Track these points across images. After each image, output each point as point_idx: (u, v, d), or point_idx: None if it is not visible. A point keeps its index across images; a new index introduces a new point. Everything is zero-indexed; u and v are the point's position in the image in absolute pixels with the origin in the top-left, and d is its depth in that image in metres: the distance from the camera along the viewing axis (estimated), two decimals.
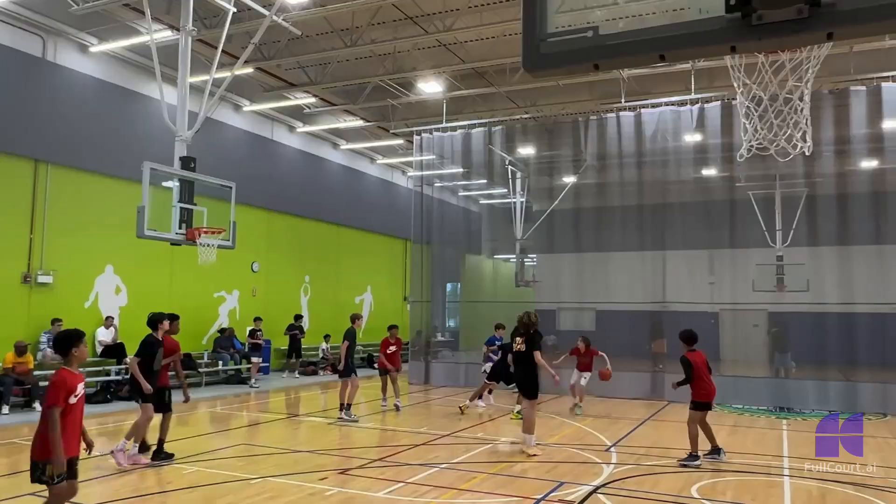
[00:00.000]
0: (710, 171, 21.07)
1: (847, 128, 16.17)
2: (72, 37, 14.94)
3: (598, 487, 7.66)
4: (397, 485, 7.68)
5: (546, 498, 7.19)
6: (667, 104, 16.79)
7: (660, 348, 18.19)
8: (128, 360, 9.38)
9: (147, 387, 8.67)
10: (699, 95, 16.20)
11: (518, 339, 10.01)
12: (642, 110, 17.13)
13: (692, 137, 17.66)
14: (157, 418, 8.90)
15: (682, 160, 18.48)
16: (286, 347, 20.15)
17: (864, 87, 15.28)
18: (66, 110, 14.79)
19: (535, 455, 9.32)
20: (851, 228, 19.42)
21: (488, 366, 13.77)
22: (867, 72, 15.28)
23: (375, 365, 15.48)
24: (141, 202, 9.97)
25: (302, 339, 20.30)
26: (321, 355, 21.77)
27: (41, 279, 14.20)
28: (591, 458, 9.26)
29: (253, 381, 17.50)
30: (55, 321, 14.17)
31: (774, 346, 18.99)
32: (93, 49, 15.30)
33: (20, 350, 12.96)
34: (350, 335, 12.53)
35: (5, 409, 12.39)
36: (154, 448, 8.88)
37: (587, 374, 13.38)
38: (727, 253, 21.99)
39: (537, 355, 9.74)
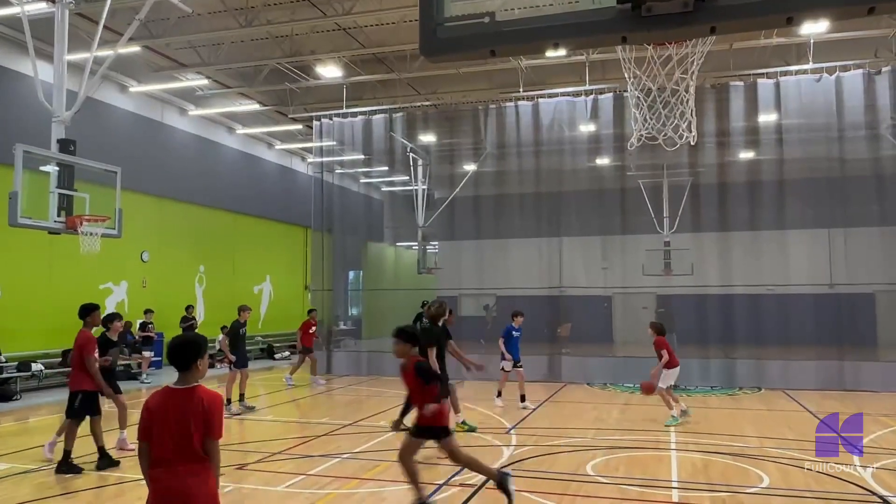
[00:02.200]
0: (603, 161, 21.89)
1: (727, 121, 17.21)
2: None
3: (499, 469, 7.82)
4: (298, 477, 7.54)
5: (448, 483, 7.27)
6: (563, 95, 17.27)
7: (566, 332, 18.91)
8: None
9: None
10: (593, 87, 16.76)
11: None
12: (539, 100, 17.54)
13: (586, 127, 18.26)
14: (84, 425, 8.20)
15: (576, 149, 19.09)
16: None
17: (742, 83, 16.31)
18: None
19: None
20: (730, 215, 20.76)
21: (506, 364, 12.05)
22: (745, 68, 16.32)
23: (298, 347, 17.06)
24: (13, 188, 9.25)
25: (195, 331, 19.53)
26: (218, 347, 21.00)
27: None
28: (492, 441, 9.45)
29: (144, 376, 16.69)
30: None
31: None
32: None
33: None
34: (233, 327, 12.65)
35: None
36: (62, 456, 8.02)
37: (668, 371, 10.38)
38: (619, 239, 22.98)
39: (430, 353, 8.73)
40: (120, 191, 10.83)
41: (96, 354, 8.31)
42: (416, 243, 24.95)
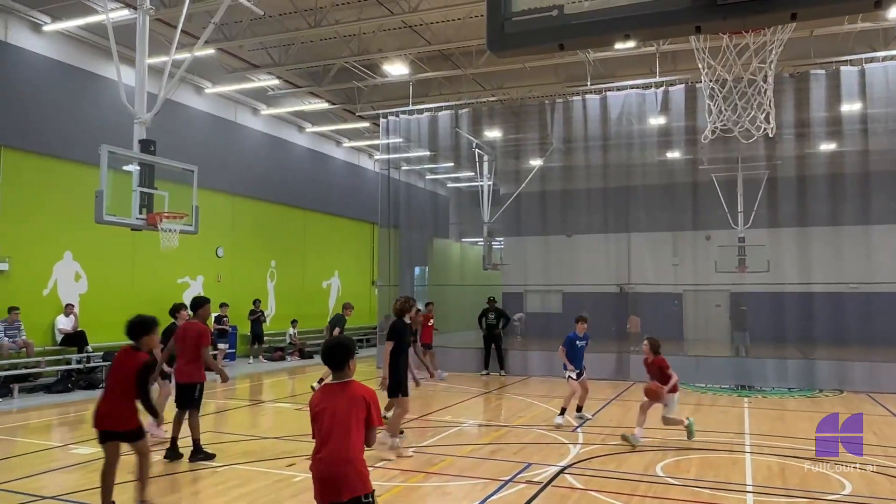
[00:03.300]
0: (673, 154, 21.31)
1: (807, 111, 16.46)
2: (23, 15, 14.40)
3: (565, 468, 7.75)
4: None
5: (514, 479, 7.24)
6: (632, 87, 16.89)
7: (634, 327, 18.48)
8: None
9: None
10: (664, 78, 16.32)
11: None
12: (608, 93, 17.21)
13: (657, 120, 17.82)
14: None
15: (646, 143, 18.66)
16: (250, 333, 19.98)
17: (823, 71, 15.55)
18: (20, 92, 14.30)
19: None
20: (810, 210, 19.86)
21: (571, 373, 10.59)
22: (827, 56, 15.56)
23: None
24: (99, 187, 9.71)
25: (263, 324, 20.14)
26: (288, 340, 21.60)
27: None
28: (559, 439, 9.36)
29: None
30: (12, 309, 13.80)
31: (735, 326, 19.41)
32: (46, 28, 14.78)
33: None
34: (338, 322, 13.45)
35: None
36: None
37: (670, 399, 9.13)
38: (690, 235, 22.34)
39: (387, 346, 8.67)
40: (196, 189, 11.22)
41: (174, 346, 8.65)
42: (482, 239, 24.91)
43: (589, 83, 17.00)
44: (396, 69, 17.98)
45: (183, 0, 11.67)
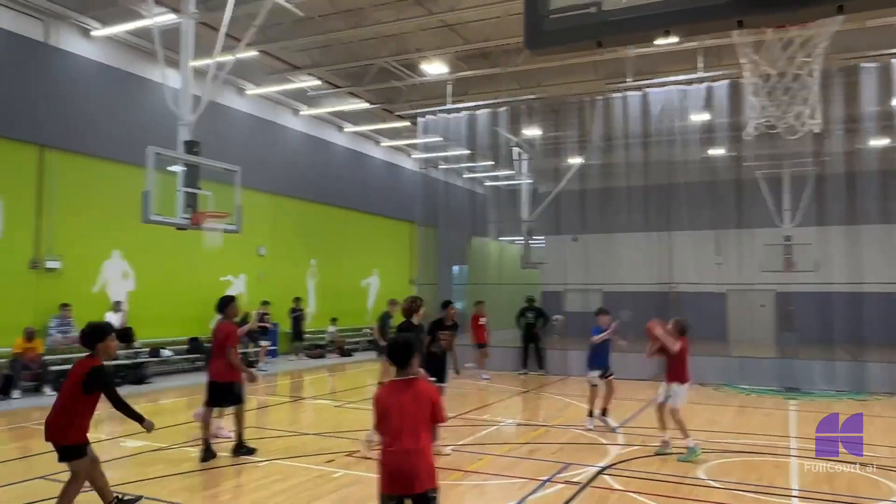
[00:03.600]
0: (717, 151, 20.90)
1: (857, 106, 15.98)
2: (73, 20, 14.86)
3: (604, 468, 7.68)
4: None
5: (552, 479, 7.20)
6: (674, 83, 16.62)
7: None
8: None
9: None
10: (707, 74, 16.01)
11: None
12: (649, 90, 16.97)
13: (699, 117, 17.50)
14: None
15: (688, 140, 18.34)
16: (291, 331, 20.26)
17: (875, 64, 15.06)
18: (70, 95, 14.75)
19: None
20: (860, 208, 19.28)
21: (593, 375, 10.02)
22: (878, 48, 15.06)
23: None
24: (146, 187, 9.97)
25: (304, 322, 20.40)
26: (328, 338, 21.84)
27: (49, 264, 14.25)
28: (597, 440, 9.28)
29: (261, 364, 17.59)
30: (64, 306, 14.26)
31: (782, 326, 18.96)
32: (95, 33, 15.21)
33: (29, 336, 13.04)
34: (382, 318, 13.73)
35: (16, 393, 12.50)
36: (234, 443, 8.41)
37: (678, 390, 8.50)
38: (734, 233, 21.89)
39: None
40: (239, 189, 11.44)
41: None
42: (520, 238, 24.83)
43: (629, 80, 16.78)
44: (435, 68, 18.02)
45: (226, 3, 11.90)
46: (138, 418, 5.74)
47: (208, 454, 8.02)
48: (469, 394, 13.85)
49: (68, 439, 5.49)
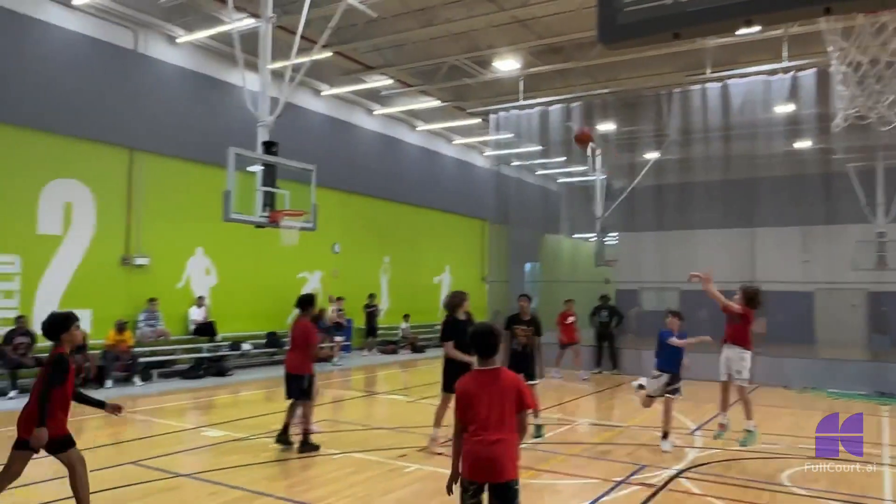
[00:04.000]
0: (803, 144, 19.94)
1: None
2: (160, 29, 15.56)
3: (681, 471, 7.47)
4: None
5: (627, 480, 7.06)
6: (756, 74, 15.95)
7: (760, 328, 17.52)
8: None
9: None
10: (792, 63, 15.29)
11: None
12: (729, 81, 16.36)
13: (784, 108, 16.76)
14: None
15: (772, 133, 17.59)
16: (365, 326, 20.63)
17: None
18: (157, 100, 15.47)
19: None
20: None
21: (653, 383, 8.77)
22: None
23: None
24: (227, 187, 10.34)
25: (377, 318, 20.71)
26: (401, 334, 22.11)
27: (138, 261, 15.00)
28: (674, 441, 9.02)
29: (336, 359, 17.98)
30: (151, 300, 14.99)
31: (874, 328, 17.95)
32: (180, 40, 15.89)
33: (120, 328, 13.77)
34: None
35: (108, 383, 13.22)
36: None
37: (741, 363, 7.97)
38: (822, 229, 20.85)
39: (448, 347, 8.23)
40: (315, 187, 11.71)
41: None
42: (594, 235, 24.42)
43: (708, 71, 16.22)
44: (507, 65, 17.94)
45: (302, 7, 12.20)
46: (98, 404, 5.62)
47: (307, 447, 8.18)
48: (541, 393, 13.73)
49: (51, 431, 5.21)
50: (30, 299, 13.28)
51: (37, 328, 12.70)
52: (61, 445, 5.31)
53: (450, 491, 4.18)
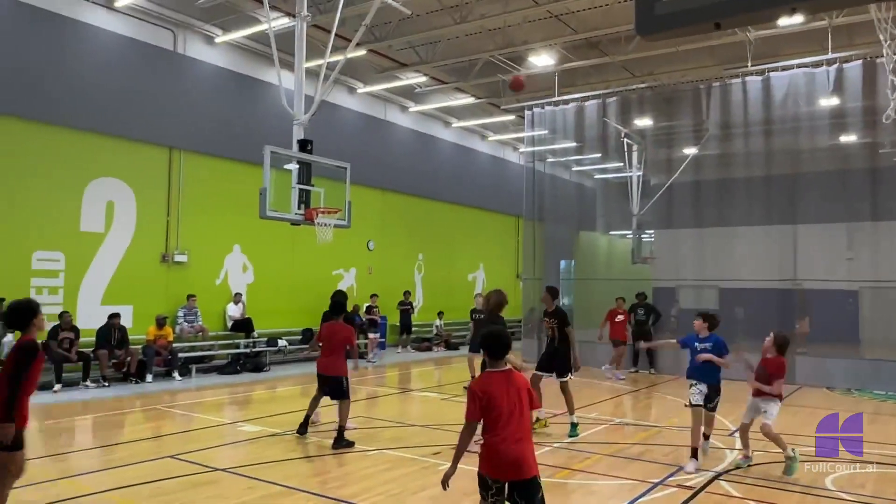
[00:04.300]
0: (849, 138, 19.34)
1: None
2: (199, 29, 15.80)
3: (720, 474, 7.31)
4: None
5: (664, 482, 6.93)
6: (799, 66, 15.52)
7: (804, 327, 17.10)
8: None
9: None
10: (837, 55, 14.84)
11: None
12: (771, 74, 15.94)
13: (828, 101, 16.25)
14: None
15: (816, 126, 17.08)
16: (399, 324, 20.69)
17: None
18: (196, 99, 15.71)
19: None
20: None
21: (698, 390, 7.74)
22: None
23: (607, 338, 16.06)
24: (263, 184, 10.43)
25: (412, 316, 20.74)
26: (435, 332, 22.12)
27: (177, 258, 15.27)
28: (714, 443, 8.83)
29: (371, 355, 18.06)
30: (190, 297, 15.24)
31: None
32: (217, 40, 16.12)
33: (160, 323, 14.03)
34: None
35: (149, 377, 13.49)
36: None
37: (769, 405, 7.47)
38: (869, 226, 20.20)
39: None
40: (349, 185, 11.76)
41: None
42: (630, 232, 24.08)
43: (749, 64, 15.85)
44: (542, 60, 17.78)
45: (336, 5, 12.24)
46: (9, 416, 4.67)
47: (343, 443, 8.27)
48: (575, 391, 13.60)
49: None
50: (73, 295, 13.63)
51: (80, 324, 13.05)
52: (14, 445, 4.76)
53: (445, 486, 4.35)
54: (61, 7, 13.43)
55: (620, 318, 15.66)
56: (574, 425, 9.11)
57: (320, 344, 9.03)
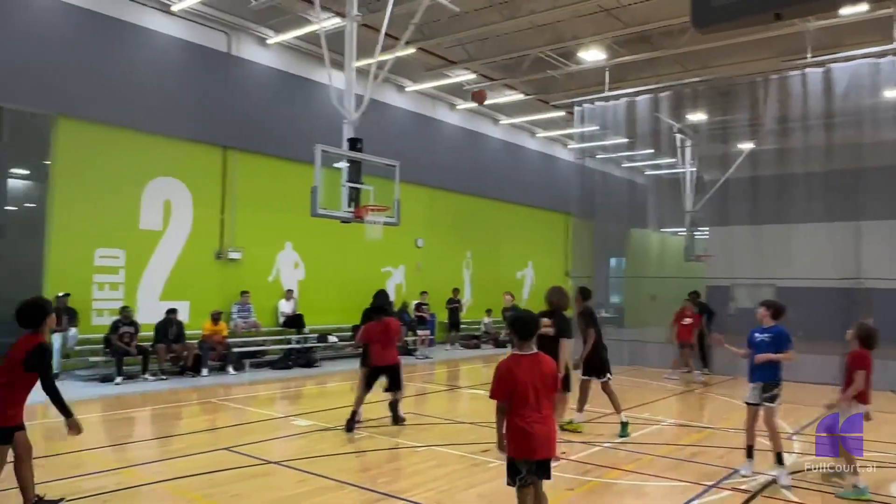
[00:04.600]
0: None
1: None
2: (252, 31, 16.13)
3: (777, 478, 7.08)
4: (558, 461, 7.59)
5: (718, 485, 6.77)
6: (863, 57, 14.92)
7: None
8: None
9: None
10: None
11: (545, 320, 7.84)
12: (832, 65, 15.37)
13: (894, 93, 15.61)
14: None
15: (880, 119, 16.40)
16: (448, 321, 20.73)
17: None
18: (249, 100, 16.05)
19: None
20: None
21: (751, 387, 7.26)
22: None
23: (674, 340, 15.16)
24: (314, 183, 10.60)
25: (461, 313, 20.76)
26: (483, 329, 22.10)
27: (231, 255, 15.64)
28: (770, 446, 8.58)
29: (419, 352, 18.16)
30: (243, 293, 15.59)
31: None
32: (270, 41, 16.42)
33: (215, 319, 14.39)
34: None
35: (204, 371, 13.84)
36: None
37: (852, 408, 6.79)
38: None
39: (564, 345, 7.85)
40: (398, 183, 11.84)
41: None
42: (684, 229, 23.62)
43: (809, 55, 15.31)
44: (592, 55, 17.55)
45: (386, 4, 12.33)
46: (66, 412, 5.25)
47: (350, 426, 8.86)
48: (626, 390, 13.41)
49: (7, 420, 5.12)
50: (133, 291, 14.10)
51: (140, 319, 13.48)
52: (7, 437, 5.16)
53: (501, 449, 4.62)
54: (121, 13, 13.88)
55: (688, 320, 14.68)
56: (624, 424, 8.96)
57: (364, 342, 9.28)
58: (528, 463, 4.45)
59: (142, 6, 14.20)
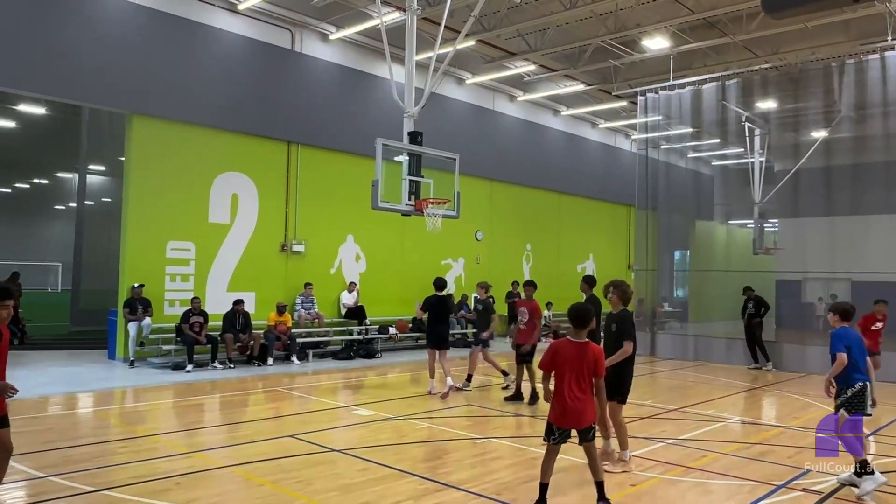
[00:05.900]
0: None
1: None
2: (315, 27, 16.40)
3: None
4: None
5: (788, 485, 6.56)
6: None
7: None
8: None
9: None
10: None
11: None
12: None
13: None
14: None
15: None
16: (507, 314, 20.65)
17: None
18: (312, 95, 16.35)
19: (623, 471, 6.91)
20: None
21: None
22: None
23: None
24: (375, 176, 10.72)
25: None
26: (543, 322, 21.91)
27: (295, 248, 16.00)
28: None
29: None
30: (307, 285, 15.93)
31: None
32: (332, 37, 16.67)
33: (280, 310, 14.75)
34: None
35: (270, 360, 14.23)
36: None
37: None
38: None
39: (629, 347, 7.08)
40: (458, 175, 11.86)
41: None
42: (752, 221, 22.85)
43: (889, 38, 14.56)
44: (656, 43, 17.14)
45: None
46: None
47: (515, 397, 10.75)
48: (690, 387, 13.11)
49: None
50: (203, 282, 14.59)
51: (209, 309, 13.95)
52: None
53: (547, 399, 5.61)
54: (189, 12, 14.33)
55: (878, 325, 11.74)
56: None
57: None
58: (560, 429, 5.41)
59: (209, 6, 14.63)
